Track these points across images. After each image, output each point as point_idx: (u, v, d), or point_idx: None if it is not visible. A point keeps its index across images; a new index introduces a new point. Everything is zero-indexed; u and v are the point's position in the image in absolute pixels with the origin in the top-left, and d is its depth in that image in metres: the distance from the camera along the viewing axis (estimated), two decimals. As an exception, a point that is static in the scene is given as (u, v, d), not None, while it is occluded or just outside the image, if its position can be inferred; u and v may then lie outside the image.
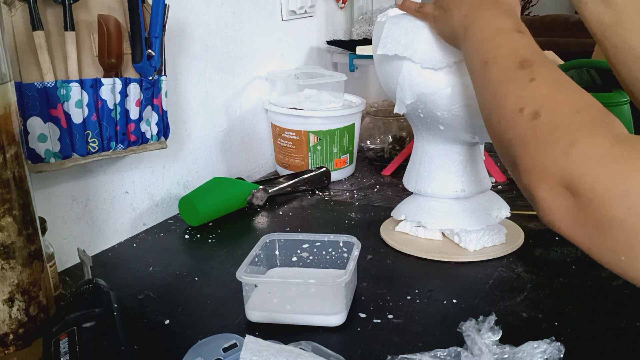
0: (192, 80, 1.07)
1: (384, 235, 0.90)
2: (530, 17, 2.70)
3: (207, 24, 1.09)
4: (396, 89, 0.81)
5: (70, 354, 0.54)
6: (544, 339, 0.57)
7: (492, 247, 0.85)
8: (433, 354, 0.58)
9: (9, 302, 0.58)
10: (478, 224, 0.86)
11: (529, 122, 0.51)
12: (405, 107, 0.81)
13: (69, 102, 0.78)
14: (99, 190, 0.92)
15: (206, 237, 0.95)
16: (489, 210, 0.88)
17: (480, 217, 0.86)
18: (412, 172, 0.90)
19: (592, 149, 0.46)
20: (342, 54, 1.49)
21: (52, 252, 0.72)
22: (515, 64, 0.56)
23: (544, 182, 0.48)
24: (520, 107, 0.52)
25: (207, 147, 1.13)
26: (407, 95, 0.80)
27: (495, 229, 0.86)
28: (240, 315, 0.71)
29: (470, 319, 0.60)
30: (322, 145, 1.18)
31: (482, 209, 0.87)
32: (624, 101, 1.07)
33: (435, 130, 0.83)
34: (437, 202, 0.88)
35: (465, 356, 0.57)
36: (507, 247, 0.85)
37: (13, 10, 0.74)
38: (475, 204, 0.87)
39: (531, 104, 0.52)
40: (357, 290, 0.75)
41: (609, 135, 0.47)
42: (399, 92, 0.80)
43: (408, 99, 0.80)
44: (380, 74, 0.85)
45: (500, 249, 0.84)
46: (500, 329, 0.59)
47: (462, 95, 0.76)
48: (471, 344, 0.58)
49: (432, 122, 0.82)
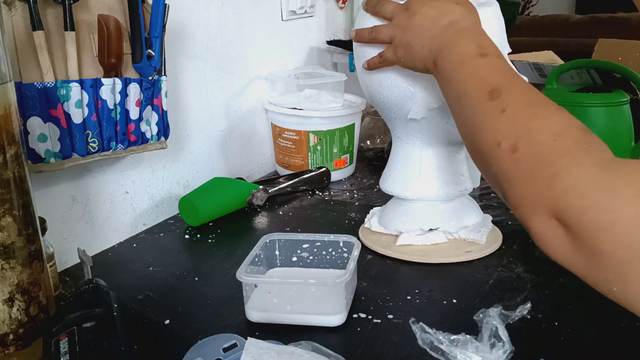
0: (192, 80, 1.07)
1: (384, 252, 0.86)
2: (530, 17, 2.70)
3: (207, 24, 1.09)
4: (417, 93, 0.78)
5: (70, 354, 0.54)
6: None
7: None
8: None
9: (9, 302, 0.58)
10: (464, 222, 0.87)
11: (510, 156, 0.50)
12: (422, 112, 0.79)
13: (69, 102, 0.78)
14: (99, 190, 0.92)
15: (206, 237, 0.95)
16: (466, 214, 0.88)
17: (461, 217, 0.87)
18: (389, 174, 0.89)
19: (576, 180, 0.45)
20: (342, 54, 1.49)
21: (52, 252, 0.72)
22: (484, 96, 0.55)
23: (535, 215, 0.48)
24: (498, 142, 0.51)
25: (207, 147, 1.13)
26: (434, 100, 0.78)
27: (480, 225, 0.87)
28: (240, 315, 0.71)
29: (497, 305, 0.58)
30: (322, 145, 1.18)
31: (460, 211, 0.88)
32: (624, 101, 1.07)
33: (415, 132, 0.83)
34: (414, 204, 0.87)
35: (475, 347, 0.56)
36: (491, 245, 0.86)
37: (13, 10, 0.74)
38: (453, 206, 0.88)
39: (508, 138, 0.51)
40: (357, 290, 0.75)
41: (592, 163, 0.45)
42: (424, 96, 0.78)
43: (435, 103, 0.78)
44: (374, 76, 0.82)
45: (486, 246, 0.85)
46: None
47: None
48: (489, 333, 0.56)
49: (414, 125, 0.82)
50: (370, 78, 0.82)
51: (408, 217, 0.88)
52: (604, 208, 0.42)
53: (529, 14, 3.70)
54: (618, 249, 0.42)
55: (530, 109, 0.52)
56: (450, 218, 0.87)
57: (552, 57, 1.47)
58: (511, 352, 0.56)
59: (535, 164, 0.48)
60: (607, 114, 1.06)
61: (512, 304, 0.71)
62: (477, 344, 0.56)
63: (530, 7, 3.87)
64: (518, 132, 0.51)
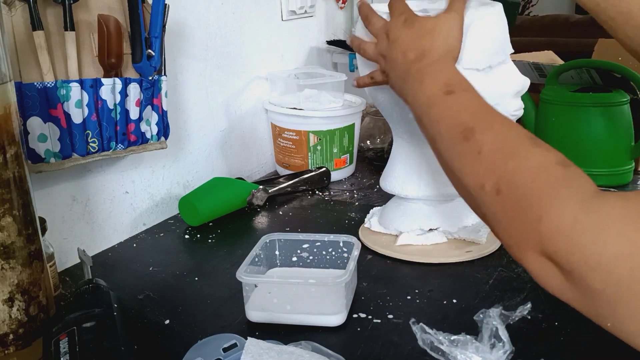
0: (192, 80, 1.07)
1: (384, 252, 0.86)
2: (530, 17, 2.70)
3: (207, 24, 1.09)
4: None
5: (70, 354, 0.54)
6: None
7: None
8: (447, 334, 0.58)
9: (9, 302, 0.58)
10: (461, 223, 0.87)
11: (495, 199, 0.49)
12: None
13: (69, 102, 0.78)
14: (99, 190, 0.92)
15: (206, 237, 0.95)
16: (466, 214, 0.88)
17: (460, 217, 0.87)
18: (389, 173, 0.89)
19: (558, 223, 0.44)
20: (342, 54, 1.49)
21: (52, 252, 0.72)
22: (458, 137, 0.54)
23: (527, 255, 0.47)
24: (481, 184, 0.51)
25: (207, 147, 1.13)
26: None
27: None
28: (240, 315, 0.71)
29: (497, 306, 0.58)
30: (322, 145, 1.18)
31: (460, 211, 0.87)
32: (624, 101, 1.07)
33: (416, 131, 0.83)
34: (414, 203, 0.87)
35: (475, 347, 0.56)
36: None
37: (13, 10, 0.74)
38: (453, 206, 0.88)
39: (489, 180, 0.50)
40: (357, 290, 0.75)
41: (572, 203, 0.44)
42: None
43: None
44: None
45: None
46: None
47: None
48: (489, 334, 0.56)
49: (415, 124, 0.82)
50: None
51: (408, 217, 0.88)
52: (589, 250, 0.42)
53: (529, 14, 3.70)
54: (608, 287, 0.42)
55: (505, 148, 0.51)
56: (450, 218, 0.87)
57: (552, 57, 1.47)
58: (511, 353, 0.56)
59: (519, 206, 0.47)
60: (607, 114, 1.06)
61: (512, 303, 0.71)
62: (477, 344, 0.56)
63: (530, 7, 3.88)
64: (497, 173, 0.50)
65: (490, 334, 0.56)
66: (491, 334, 0.56)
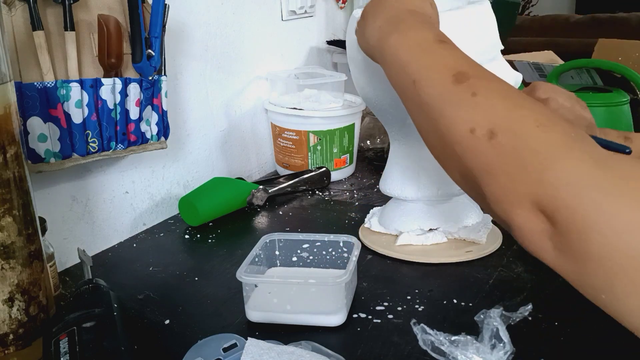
0: (192, 80, 1.07)
1: (384, 252, 0.86)
2: (530, 17, 2.70)
3: (207, 24, 1.09)
4: None
5: (70, 354, 0.54)
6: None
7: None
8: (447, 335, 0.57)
9: (9, 302, 0.58)
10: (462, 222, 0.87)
11: (488, 144, 0.45)
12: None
13: (69, 102, 0.78)
14: (99, 190, 0.92)
15: (206, 237, 0.95)
16: (466, 214, 0.88)
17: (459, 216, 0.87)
18: (387, 176, 0.89)
19: (569, 175, 0.40)
20: (342, 54, 1.49)
21: (52, 252, 0.72)
22: (447, 79, 0.50)
23: (519, 209, 0.43)
24: (470, 128, 0.46)
25: (207, 147, 1.13)
26: None
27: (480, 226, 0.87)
28: (240, 315, 0.71)
29: (498, 306, 0.57)
30: (322, 145, 1.18)
31: (460, 211, 0.88)
32: (624, 101, 1.07)
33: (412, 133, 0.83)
34: (414, 204, 0.87)
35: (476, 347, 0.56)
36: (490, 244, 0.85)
37: (13, 10, 0.74)
38: (453, 206, 0.88)
39: (482, 123, 0.46)
40: (357, 290, 0.75)
41: (586, 157, 0.40)
42: None
43: None
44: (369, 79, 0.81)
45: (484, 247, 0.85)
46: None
47: None
48: (489, 334, 0.56)
49: (410, 126, 0.82)
50: (365, 81, 0.82)
51: (408, 217, 0.88)
52: (599, 208, 0.38)
53: (529, 14, 3.70)
54: (610, 255, 0.37)
55: (508, 99, 0.47)
56: (450, 218, 0.87)
57: (552, 57, 1.47)
58: (512, 353, 0.56)
59: (521, 155, 0.43)
60: (607, 114, 1.06)
61: (512, 303, 0.71)
62: (478, 344, 0.56)
63: (530, 7, 3.88)
64: (495, 119, 0.45)
65: (491, 334, 0.56)
66: (492, 335, 0.56)
